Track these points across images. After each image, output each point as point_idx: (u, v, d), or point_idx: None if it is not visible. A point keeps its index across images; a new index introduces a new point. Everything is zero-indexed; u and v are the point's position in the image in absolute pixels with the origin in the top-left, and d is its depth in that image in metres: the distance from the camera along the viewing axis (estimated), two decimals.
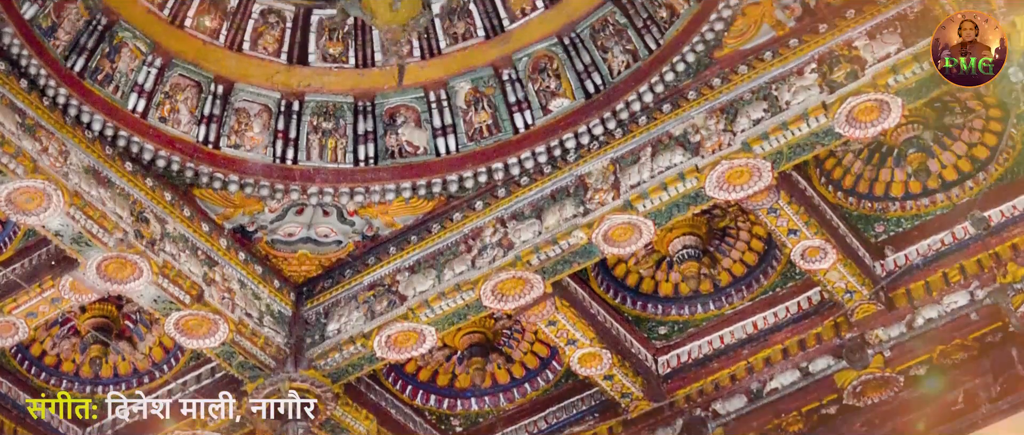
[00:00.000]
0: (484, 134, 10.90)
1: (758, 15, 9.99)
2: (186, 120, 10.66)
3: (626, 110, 10.42)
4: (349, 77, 10.97)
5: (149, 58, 10.49)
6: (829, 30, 9.80)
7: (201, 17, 10.69)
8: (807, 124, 9.83)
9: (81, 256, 10.09)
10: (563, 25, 10.74)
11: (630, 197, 10.32)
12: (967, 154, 11.09)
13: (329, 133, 10.93)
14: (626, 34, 10.52)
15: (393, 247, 11.27)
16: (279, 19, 10.87)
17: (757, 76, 10.04)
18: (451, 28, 10.93)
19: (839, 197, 11.40)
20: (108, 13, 10.27)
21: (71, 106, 10.00)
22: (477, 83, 10.91)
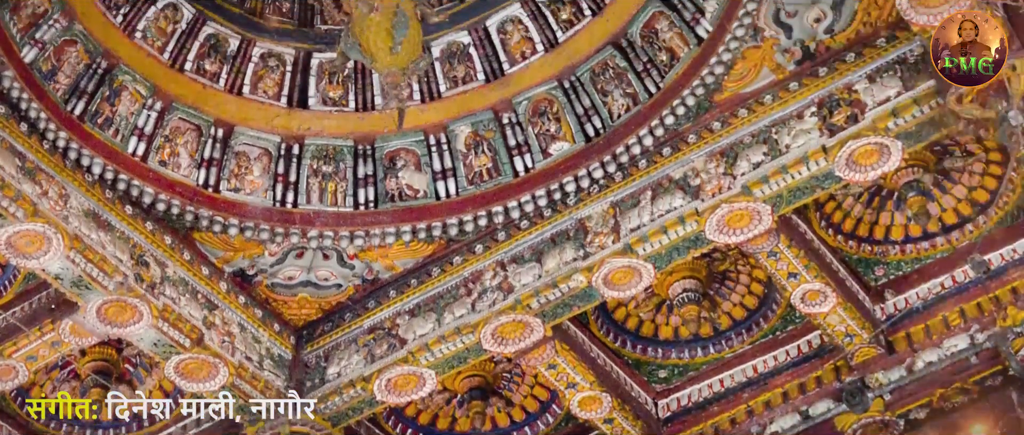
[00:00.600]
0: (484, 177, 10.86)
1: (758, 59, 9.97)
2: (186, 164, 10.62)
3: (626, 153, 10.41)
4: (349, 121, 10.94)
5: (149, 102, 10.46)
6: (829, 74, 9.79)
7: (201, 61, 10.66)
8: (807, 167, 9.81)
9: (81, 300, 10.02)
10: (563, 69, 10.73)
11: (630, 241, 10.26)
12: (967, 198, 11.02)
13: (329, 177, 10.89)
14: (626, 78, 10.50)
15: (393, 290, 11.20)
16: (279, 63, 10.86)
17: (757, 120, 10.01)
18: (451, 72, 10.90)
19: (839, 240, 11.32)
20: (108, 57, 10.25)
21: (71, 150, 9.97)
22: (477, 127, 10.88)
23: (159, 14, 10.49)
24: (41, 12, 9.81)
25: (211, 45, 10.70)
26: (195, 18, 10.66)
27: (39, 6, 9.79)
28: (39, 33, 9.81)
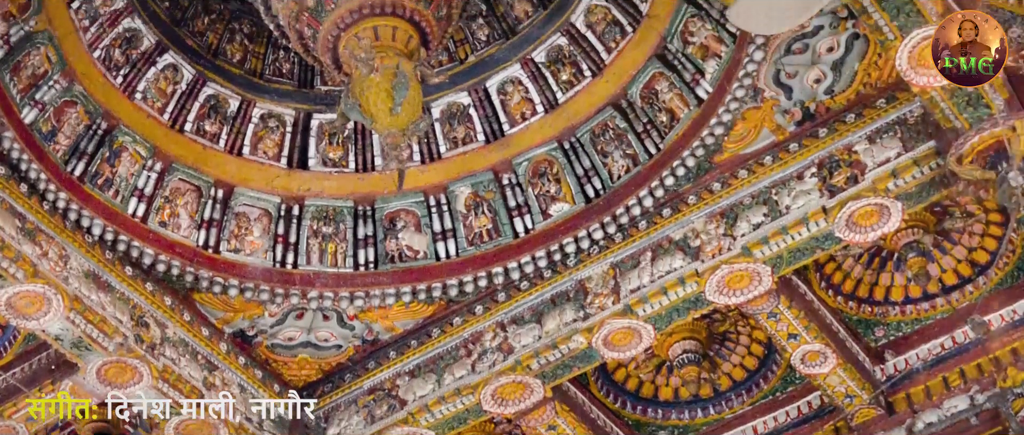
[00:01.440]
0: (484, 238, 10.76)
1: (758, 119, 9.90)
2: (186, 224, 10.52)
3: (626, 214, 10.33)
4: (349, 181, 10.88)
5: (149, 162, 10.37)
6: (829, 134, 9.72)
7: (201, 122, 10.61)
8: (807, 228, 9.76)
9: (81, 360, 9.91)
10: (563, 129, 10.66)
11: (630, 301, 10.20)
12: (967, 258, 10.96)
13: (329, 237, 10.81)
14: (626, 138, 10.42)
15: (393, 351, 11.08)
16: (279, 123, 10.81)
17: (757, 180, 9.95)
18: (451, 132, 10.87)
19: (839, 301, 11.26)
20: (108, 118, 10.17)
21: (71, 210, 9.87)
22: (477, 187, 10.82)
23: (159, 75, 10.43)
24: (41, 73, 9.75)
25: (211, 106, 10.63)
26: (195, 79, 10.59)
27: (39, 67, 9.73)
28: (39, 94, 9.74)
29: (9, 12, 9.33)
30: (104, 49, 10.14)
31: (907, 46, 8.74)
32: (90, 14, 9.97)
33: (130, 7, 10.21)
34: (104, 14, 10.06)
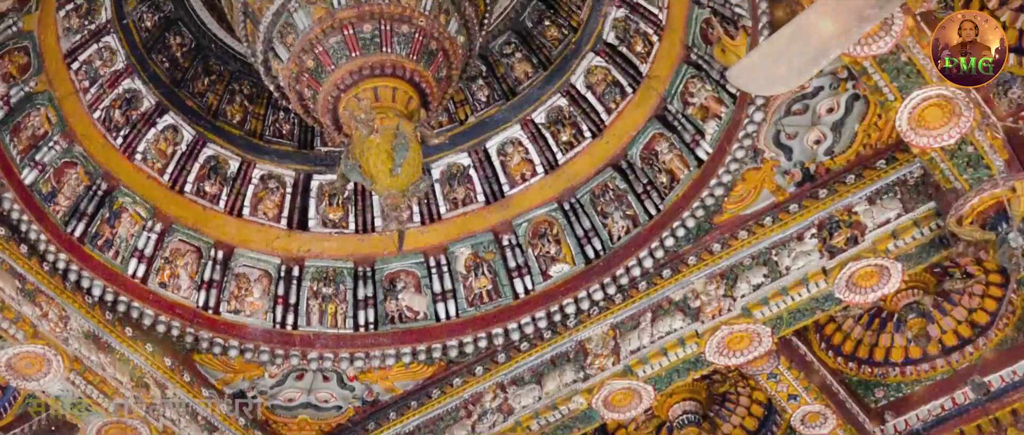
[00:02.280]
0: (484, 299, 10.66)
1: (758, 180, 9.83)
2: (186, 285, 10.40)
3: (626, 275, 10.23)
4: (349, 242, 10.79)
5: (149, 223, 10.28)
6: (829, 195, 9.67)
7: (201, 183, 10.55)
8: (807, 289, 9.72)
9: (81, 421, 9.82)
10: (563, 190, 10.60)
11: (630, 362, 10.13)
12: (967, 319, 10.89)
13: (329, 298, 10.70)
14: (626, 199, 10.36)
15: (393, 412, 10.96)
16: (279, 184, 10.77)
17: (757, 241, 9.89)
18: (451, 193, 10.82)
19: (839, 362, 11.18)
20: (108, 178, 10.09)
21: (71, 271, 9.73)
22: (477, 248, 10.73)
23: (159, 136, 10.39)
24: (41, 134, 9.66)
25: (211, 167, 10.59)
26: (195, 140, 10.56)
27: (39, 128, 9.64)
28: (39, 155, 9.65)
29: (9, 73, 9.29)
30: (104, 110, 10.10)
31: (907, 107, 8.71)
32: (90, 75, 9.95)
33: (130, 68, 10.21)
34: (104, 75, 10.04)
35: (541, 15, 10.74)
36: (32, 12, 9.19)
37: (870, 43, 8.34)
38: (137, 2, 10.28)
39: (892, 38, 8.31)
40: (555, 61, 10.68)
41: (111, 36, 10.04)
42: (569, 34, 10.65)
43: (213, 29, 10.74)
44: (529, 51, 10.80)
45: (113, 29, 10.04)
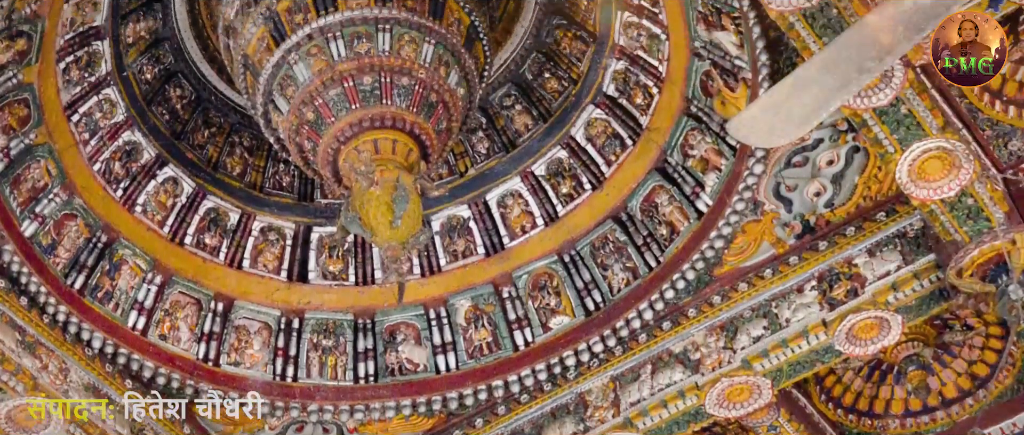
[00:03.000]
0: (484, 351, 10.56)
1: (758, 232, 9.75)
2: (186, 337, 10.31)
3: (626, 327, 10.14)
4: (349, 295, 10.72)
5: (149, 275, 10.21)
6: (829, 247, 9.58)
7: (201, 235, 10.50)
8: (807, 342, 9.62)
9: None
10: (563, 243, 10.53)
11: (630, 414, 10.03)
12: (967, 372, 10.72)
13: (329, 351, 10.60)
14: (626, 251, 10.27)
15: None
16: (279, 237, 10.71)
17: (757, 294, 9.80)
18: (451, 246, 10.76)
19: (839, 414, 11.03)
20: (108, 231, 10.04)
21: (71, 324, 9.66)
22: (477, 300, 10.65)
23: (159, 188, 10.35)
24: (41, 186, 9.60)
25: (211, 219, 10.54)
26: (195, 192, 10.52)
27: (39, 180, 9.58)
28: (39, 207, 9.58)
29: (9, 125, 9.25)
30: (104, 162, 10.06)
31: (907, 159, 8.64)
32: (90, 127, 9.92)
33: (130, 120, 10.18)
34: (104, 127, 10.01)
35: (541, 67, 10.72)
36: (32, 64, 9.16)
37: (870, 95, 8.28)
38: (137, 54, 10.28)
39: (892, 90, 8.26)
40: (555, 113, 10.65)
41: (111, 88, 10.01)
42: (569, 86, 10.61)
43: (213, 81, 10.74)
44: (529, 103, 10.77)
45: (113, 81, 10.01)
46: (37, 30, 8.95)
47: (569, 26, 10.48)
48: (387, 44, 8.89)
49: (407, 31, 8.94)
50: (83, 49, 9.68)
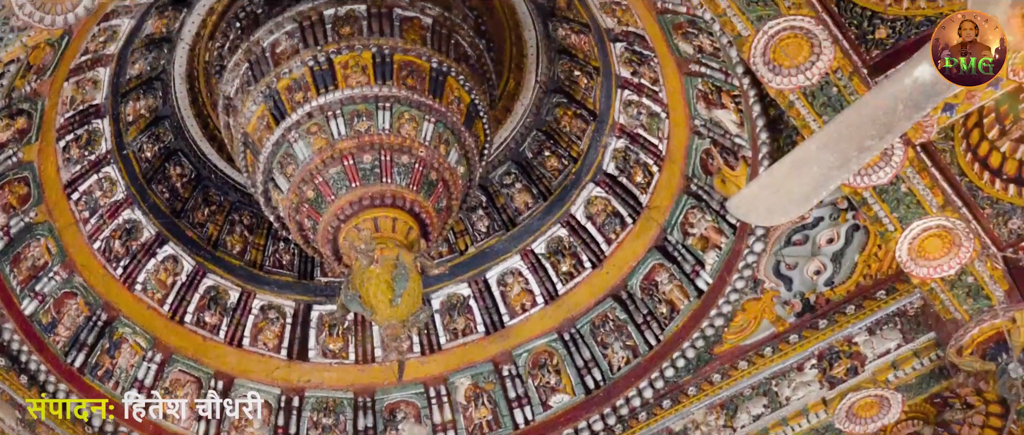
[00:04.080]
0: (484, 430, 10.42)
1: (758, 311, 9.62)
2: (186, 416, 10.15)
3: (626, 406, 10.01)
4: (349, 373, 10.59)
5: (149, 354, 10.08)
6: (829, 326, 9.46)
7: (201, 313, 10.39)
8: (807, 420, 9.53)
9: None
10: (563, 321, 10.39)
11: None
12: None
13: (329, 429, 10.46)
14: (626, 330, 10.13)
15: None
16: (279, 315, 10.60)
17: (757, 372, 9.67)
18: (451, 324, 10.62)
19: None
20: (108, 309, 9.92)
21: (71, 402, 9.48)
22: (477, 379, 10.51)
23: (159, 266, 10.25)
24: (41, 264, 9.46)
25: (211, 297, 10.44)
26: (195, 270, 10.42)
27: (39, 258, 9.45)
28: (39, 285, 9.44)
29: (9, 203, 9.14)
30: (104, 240, 9.95)
31: (907, 238, 8.54)
32: (90, 205, 9.82)
33: (130, 199, 10.10)
34: (104, 205, 9.91)
35: (541, 145, 10.65)
36: (32, 142, 9.05)
37: (870, 173, 8.18)
38: (137, 133, 10.21)
39: (892, 168, 8.15)
40: (555, 191, 10.57)
41: (111, 166, 9.92)
42: (569, 164, 10.53)
43: (213, 159, 10.69)
44: (529, 181, 10.68)
45: (113, 159, 9.92)
46: (37, 108, 8.84)
47: (569, 104, 10.43)
48: (387, 122, 8.81)
49: (407, 109, 8.88)
50: (83, 127, 9.59)
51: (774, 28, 7.52)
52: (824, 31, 7.52)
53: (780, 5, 7.44)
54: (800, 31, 7.54)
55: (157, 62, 10.04)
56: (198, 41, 10.11)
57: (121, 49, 9.36)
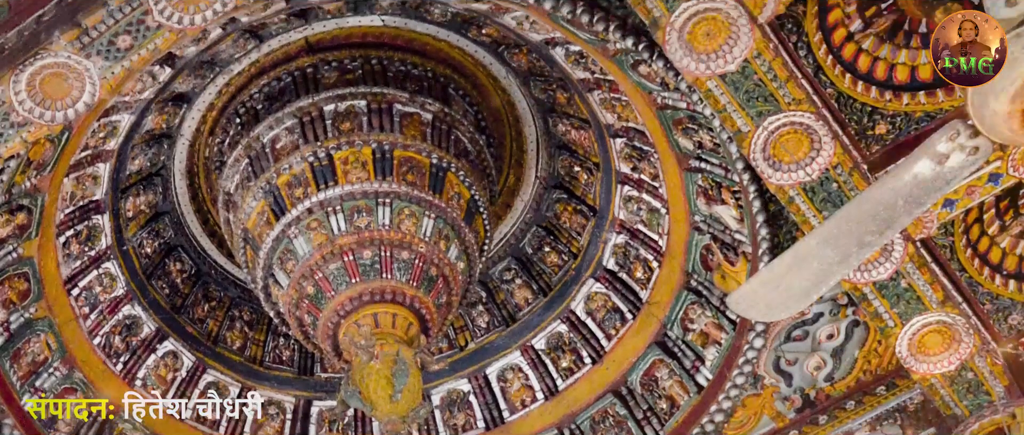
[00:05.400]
0: None
1: (758, 406, 9.45)
2: None
3: None
4: None
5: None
6: (829, 421, 9.31)
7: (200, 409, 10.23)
8: None
9: None
10: (563, 417, 10.19)
11: None
12: None
13: None
14: (626, 426, 9.95)
15: None
16: (279, 410, 10.41)
17: None
18: (451, 419, 10.43)
19: None
20: (108, 405, 9.71)
21: None
22: None
23: (159, 362, 10.07)
24: (41, 360, 9.28)
25: (211, 393, 10.28)
26: (195, 366, 10.24)
27: (39, 354, 9.27)
28: (39, 381, 9.25)
29: (9, 299, 8.98)
30: (104, 336, 9.79)
31: (907, 333, 8.41)
32: (90, 301, 9.67)
33: (130, 294, 9.96)
34: (104, 301, 9.76)
35: (541, 241, 10.52)
36: (32, 238, 8.91)
37: (870, 269, 8.07)
38: (137, 228, 10.09)
39: (892, 264, 8.04)
40: (555, 287, 10.43)
41: (111, 262, 9.77)
42: (569, 260, 10.40)
43: (213, 255, 10.58)
44: (529, 277, 10.55)
45: (113, 255, 9.78)
46: (37, 204, 8.72)
47: (569, 200, 10.32)
48: (387, 218, 8.72)
49: (407, 205, 8.78)
50: (83, 223, 9.46)
51: (774, 124, 7.43)
52: (824, 127, 7.43)
53: (780, 101, 7.35)
54: (800, 127, 7.45)
55: (157, 158, 9.96)
56: (198, 137, 10.04)
57: (121, 145, 9.28)
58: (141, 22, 6.92)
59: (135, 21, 6.91)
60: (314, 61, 9.38)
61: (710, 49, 7.16)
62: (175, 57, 8.17)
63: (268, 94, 9.42)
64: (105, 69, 7.00)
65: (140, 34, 6.95)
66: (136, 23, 6.91)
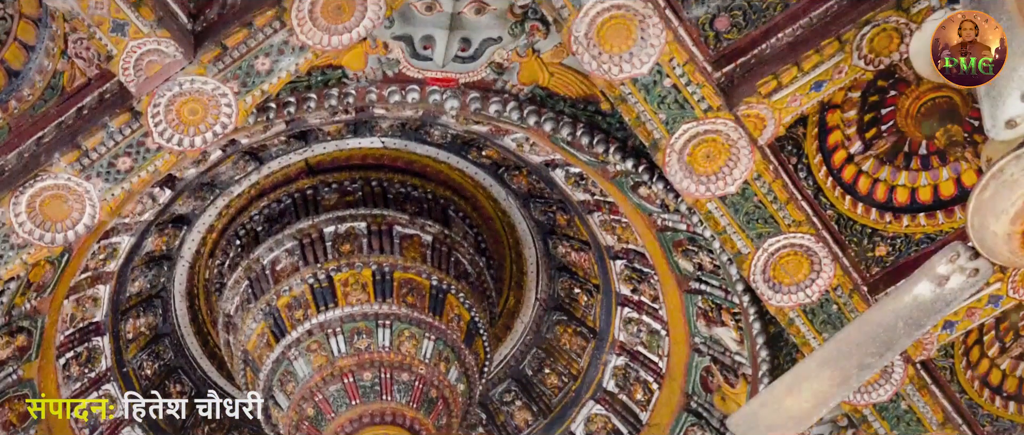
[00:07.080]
0: None
1: None
2: None
3: None
4: None
5: None
6: None
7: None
8: None
9: None
10: None
11: None
12: None
13: None
14: None
15: None
16: None
17: None
18: None
19: None
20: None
21: None
22: None
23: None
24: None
25: None
26: None
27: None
28: None
29: (9, 421, 8.77)
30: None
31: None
32: (90, 423, 9.48)
33: (130, 418, 9.74)
34: (104, 423, 9.54)
35: (541, 363, 10.32)
36: (32, 360, 8.73)
37: (870, 391, 7.94)
38: (137, 350, 9.90)
39: (892, 386, 7.92)
40: (555, 409, 10.19)
41: (111, 384, 9.57)
42: (569, 382, 10.18)
43: (213, 376, 10.34)
44: (529, 399, 10.32)
45: (113, 377, 9.58)
46: (37, 326, 8.58)
47: (569, 322, 10.15)
48: (387, 340, 8.56)
49: (407, 327, 8.63)
50: (83, 345, 9.29)
51: (774, 246, 7.36)
52: (824, 249, 7.37)
53: (780, 223, 7.29)
54: (800, 249, 7.39)
55: (157, 280, 9.85)
56: (198, 259, 9.92)
57: (121, 267, 9.16)
58: (141, 144, 6.82)
59: (135, 143, 6.81)
60: (314, 183, 9.31)
61: (710, 171, 7.09)
62: (175, 179, 8.11)
63: (268, 216, 9.34)
64: (105, 191, 6.89)
65: (140, 156, 6.86)
66: (136, 145, 6.82)
